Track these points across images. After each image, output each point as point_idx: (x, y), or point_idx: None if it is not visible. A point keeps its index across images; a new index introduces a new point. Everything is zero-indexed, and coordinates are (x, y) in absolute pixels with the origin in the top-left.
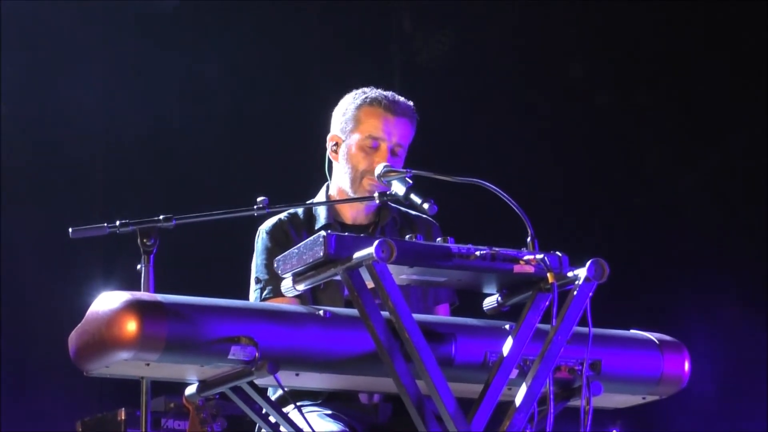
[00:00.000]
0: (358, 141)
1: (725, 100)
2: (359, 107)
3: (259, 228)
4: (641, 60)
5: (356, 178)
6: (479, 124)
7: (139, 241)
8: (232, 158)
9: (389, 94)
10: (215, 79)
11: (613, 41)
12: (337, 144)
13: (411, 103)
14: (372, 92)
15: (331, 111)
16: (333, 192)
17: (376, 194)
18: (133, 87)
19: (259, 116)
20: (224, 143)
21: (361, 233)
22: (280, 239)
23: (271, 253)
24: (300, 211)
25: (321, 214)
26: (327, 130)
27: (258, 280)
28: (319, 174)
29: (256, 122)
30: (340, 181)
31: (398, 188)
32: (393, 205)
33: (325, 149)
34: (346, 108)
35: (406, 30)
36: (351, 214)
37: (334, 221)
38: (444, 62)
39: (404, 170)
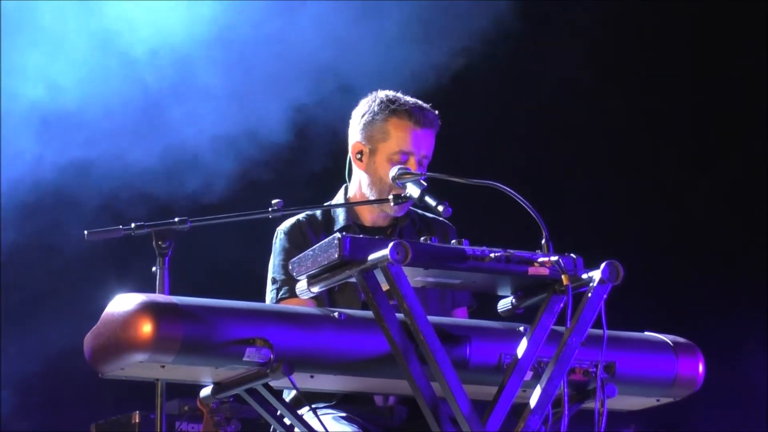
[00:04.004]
0: (387, 154)
1: (741, 105)
2: (387, 119)
3: (277, 228)
4: (654, 63)
5: (384, 189)
6: (492, 128)
7: (154, 243)
8: (249, 158)
9: (415, 104)
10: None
11: (626, 43)
12: (362, 153)
13: (436, 111)
14: (399, 102)
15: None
16: (352, 194)
17: (390, 196)
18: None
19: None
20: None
21: (379, 235)
22: (298, 240)
23: (288, 254)
24: (318, 212)
25: (340, 215)
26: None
27: (274, 281)
28: (334, 176)
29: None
30: (362, 186)
31: (413, 190)
32: (412, 208)
33: (341, 152)
34: (372, 117)
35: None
36: (370, 216)
37: (353, 223)
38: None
39: (419, 173)
